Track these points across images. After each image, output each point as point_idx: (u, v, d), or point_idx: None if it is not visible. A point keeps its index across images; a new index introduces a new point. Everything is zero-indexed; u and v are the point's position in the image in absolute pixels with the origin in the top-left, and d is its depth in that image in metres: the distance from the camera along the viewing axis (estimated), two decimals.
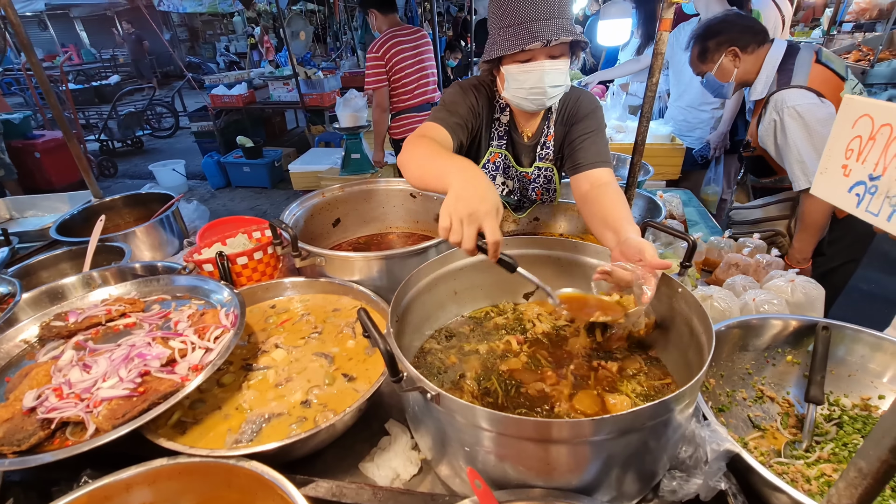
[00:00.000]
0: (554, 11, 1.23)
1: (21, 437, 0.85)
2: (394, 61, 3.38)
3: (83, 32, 18.38)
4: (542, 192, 1.67)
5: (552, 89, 1.33)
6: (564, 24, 1.25)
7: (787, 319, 1.19)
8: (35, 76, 2.03)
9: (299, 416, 0.99)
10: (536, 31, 1.23)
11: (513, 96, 1.38)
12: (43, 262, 1.75)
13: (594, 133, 1.46)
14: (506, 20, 1.27)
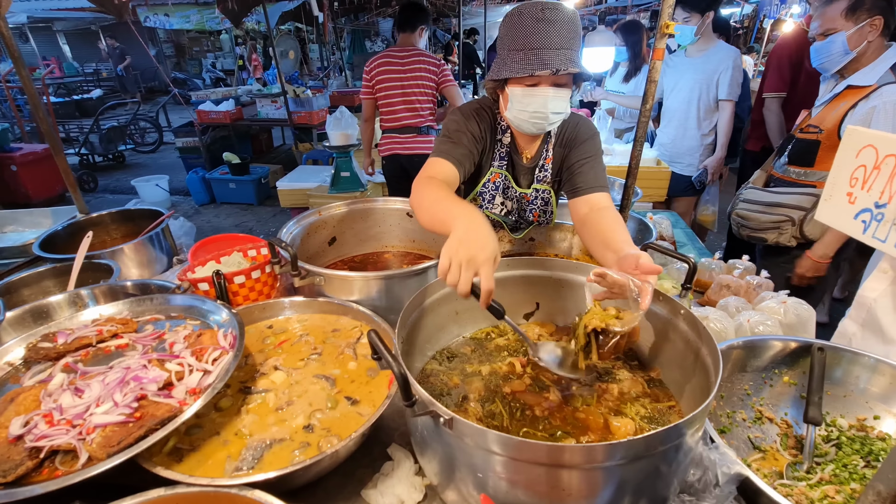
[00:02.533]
0: (564, 42, 1.28)
1: (7, 467, 0.80)
2: (378, 80, 3.42)
3: (66, 46, 18.16)
4: (540, 214, 1.70)
5: (554, 115, 1.37)
6: (572, 56, 1.30)
7: (787, 341, 1.22)
8: (25, 89, 1.99)
9: (302, 442, 0.96)
10: (546, 58, 1.27)
11: (514, 118, 1.41)
12: (25, 279, 1.69)
13: (593, 158, 1.50)
14: (517, 44, 1.31)
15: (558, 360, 1.17)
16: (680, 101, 3.39)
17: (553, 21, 1.27)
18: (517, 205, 1.69)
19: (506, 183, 1.62)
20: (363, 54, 14.40)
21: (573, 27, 1.30)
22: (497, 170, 1.60)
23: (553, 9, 1.27)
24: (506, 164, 1.59)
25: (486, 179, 1.61)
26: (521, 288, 1.40)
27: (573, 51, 1.31)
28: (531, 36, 1.28)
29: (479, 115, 1.53)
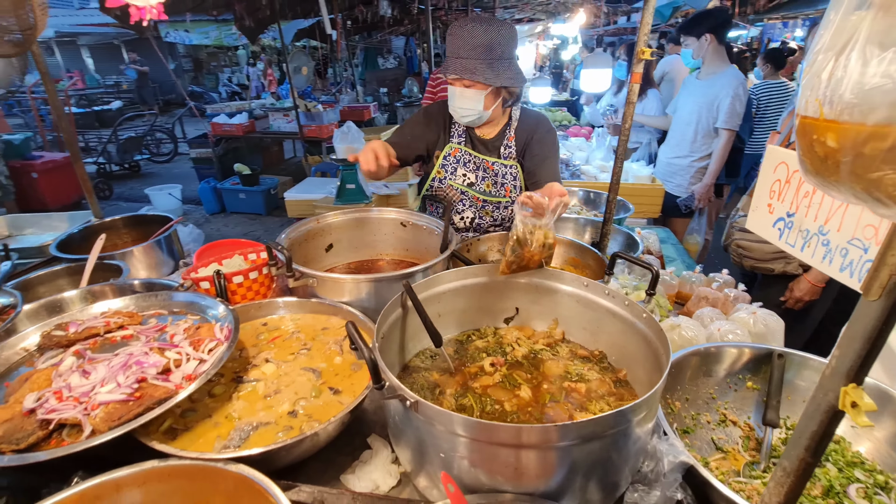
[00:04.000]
0: (470, 53, 1.67)
1: (20, 436, 0.89)
2: (441, 86, 3.61)
3: (89, 59, 18.83)
4: (511, 189, 1.98)
5: (461, 109, 1.79)
6: (475, 66, 1.67)
7: (742, 347, 1.29)
8: (49, 101, 2.13)
9: (286, 426, 1.05)
10: (451, 65, 1.71)
11: (454, 108, 1.83)
12: (41, 277, 1.81)
13: (551, 158, 1.88)
14: (448, 51, 1.75)
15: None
16: (680, 121, 3.48)
17: (461, 36, 1.67)
18: (482, 172, 1.98)
19: (466, 156, 1.96)
20: (375, 71, 14.78)
21: (472, 40, 1.66)
22: (456, 145, 1.96)
23: (466, 26, 1.67)
24: (464, 140, 1.97)
25: (447, 153, 1.97)
26: (502, 294, 1.48)
27: (478, 60, 1.67)
28: (451, 46, 1.72)
29: (440, 106, 1.97)
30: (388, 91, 12.17)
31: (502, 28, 1.70)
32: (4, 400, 1.01)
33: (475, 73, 1.67)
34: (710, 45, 3.13)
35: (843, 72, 0.46)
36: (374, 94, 12.04)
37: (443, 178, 1.99)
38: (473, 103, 1.76)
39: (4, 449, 0.87)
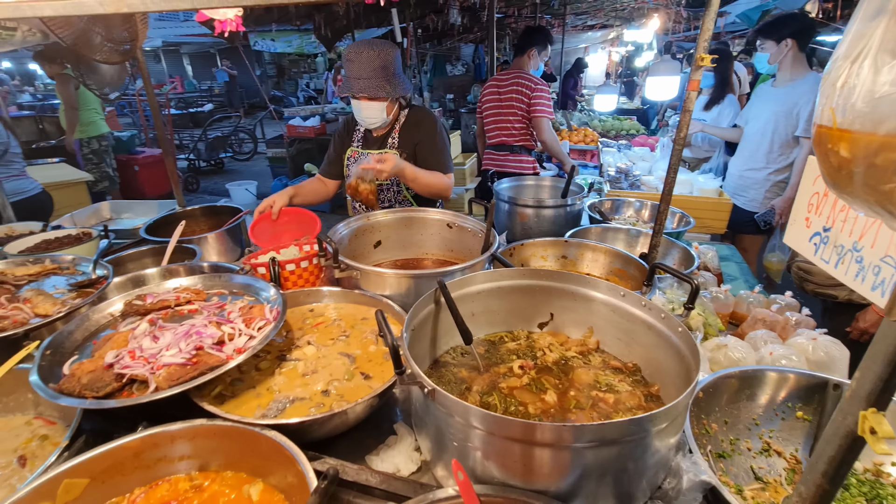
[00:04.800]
0: (371, 74, 2.08)
1: (100, 385, 1.05)
2: (483, 99, 3.75)
3: (189, 66, 20.88)
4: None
5: (369, 119, 2.21)
6: (378, 84, 2.09)
7: (790, 373, 1.20)
8: (149, 103, 2.43)
9: (319, 402, 1.13)
10: (358, 85, 2.09)
11: (358, 118, 2.25)
12: (131, 255, 2.07)
13: (432, 144, 2.32)
14: (346, 74, 2.15)
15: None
16: (754, 132, 3.26)
17: (360, 61, 2.07)
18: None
19: (360, 157, 2.35)
20: (443, 77, 15.08)
21: (371, 63, 2.07)
22: (355, 148, 2.42)
23: (363, 53, 2.06)
24: (361, 144, 2.42)
25: (348, 156, 2.43)
26: (537, 298, 1.49)
27: (370, 80, 2.08)
28: (348, 70, 2.12)
29: (336, 133, 2.52)
30: (454, 97, 12.36)
31: (390, 49, 2.12)
32: (91, 354, 1.18)
33: (380, 90, 2.10)
34: (791, 52, 2.91)
35: (856, 80, 0.45)
36: (441, 99, 12.28)
37: (347, 175, 2.44)
38: (379, 112, 2.19)
39: (87, 394, 1.03)
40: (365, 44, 2.10)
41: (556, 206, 2.50)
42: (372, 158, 2.06)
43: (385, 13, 8.07)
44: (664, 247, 2.25)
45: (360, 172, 2.13)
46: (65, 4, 0.71)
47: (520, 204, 2.54)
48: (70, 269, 1.67)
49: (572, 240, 2.05)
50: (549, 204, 2.52)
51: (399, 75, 2.18)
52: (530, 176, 3.45)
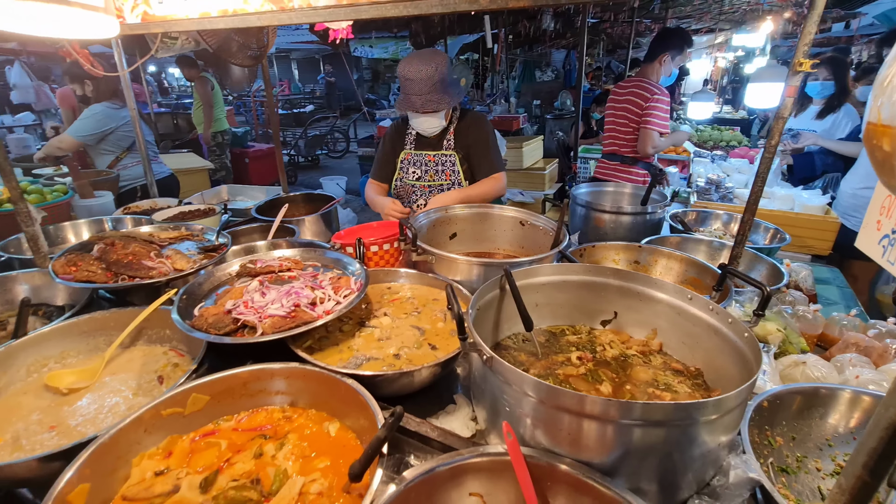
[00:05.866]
0: (431, 89, 2.20)
1: (221, 325, 1.29)
2: (606, 108, 3.70)
3: (296, 70, 22.89)
4: (451, 174, 2.48)
5: (429, 128, 2.36)
6: (437, 98, 2.22)
7: (865, 395, 1.13)
8: (267, 104, 2.79)
9: (390, 363, 1.29)
10: (418, 102, 2.22)
11: (414, 126, 2.42)
12: (244, 230, 2.41)
13: (484, 146, 2.45)
14: (402, 91, 2.29)
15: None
16: None
17: (416, 78, 2.17)
18: (426, 168, 2.49)
19: (414, 158, 2.50)
20: (531, 83, 15.03)
21: (430, 80, 2.17)
22: (408, 151, 2.52)
23: (420, 70, 2.16)
24: (414, 145, 2.51)
25: (402, 158, 2.53)
26: (601, 296, 1.52)
27: (436, 94, 2.21)
28: (405, 88, 2.25)
29: (395, 129, 2.58)
30: (542, 103, 12.28)
31: (442, 61, 2.20)
32: (215, 301, 1.45)
33: (440, 103, 2.22)
34: None
35: None
36: (527, 105, 12.26)
37: (401, 178, 2.56)
38: (437, 121, 2.33)
39: (211, 331, 1.27)
40: (421, 61, 2.18)
41: (635, 214, 2.47)
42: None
43: (478, 20, 8.28)
44: (750, 261, 2.14)
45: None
46: (234, 20, 0.93)
47: (596, 209, 2.54)
48: (199, 236, 2.01)
49: (646, 245, 2.03)
50: (627, 210, 2.50)
51: (452, 84, 2.28)
52: (611, 182, 3.39)
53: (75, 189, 2.92)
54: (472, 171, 2.50)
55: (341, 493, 0.97)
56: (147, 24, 1.08)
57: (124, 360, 1.45)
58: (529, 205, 5.43)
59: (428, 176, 2.50)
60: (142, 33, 1.13)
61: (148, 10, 1.07)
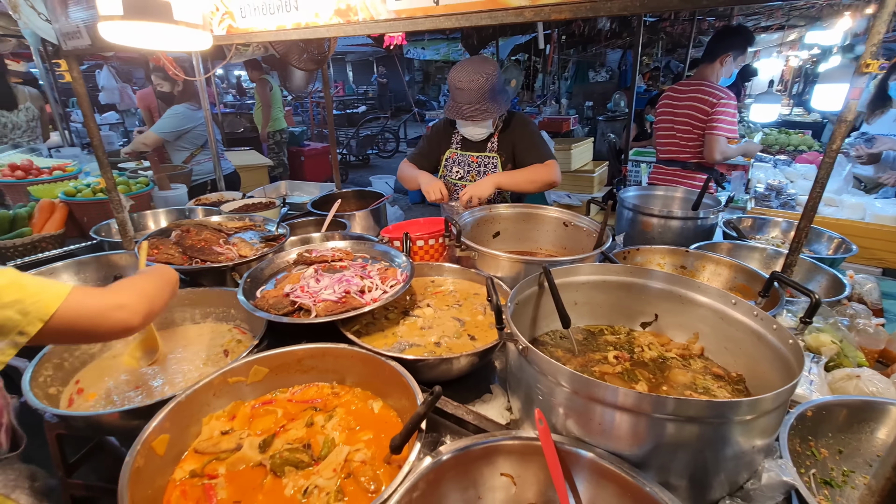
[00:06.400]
0: (480, 98, 2.24)
1: (280, 307, 1.42)
2: (658, 111, 3.53)
3: (350, 72, 23.66)
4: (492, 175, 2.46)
5: (477, 134, 2.43)
6: (486, 107, 2.26)
7: None
8: (326, 105, 2.97)
9: (430, 350, 1.36)
10: (468, 110, 2.28)
11: (462, 131, 2.49)
12: (300, 223, 2.59)
13: (530, 141, 2.46)
14: (452, 99, 2.35)
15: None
16: None
17: (467, 87, 2.22)
18: (468, 168, 2.55)
19: (458, 157, 2.57)
20: (584, 84, 14.70)
21: (480, 89, 2.22)
22: (453, 150, 2.60)
23: (470, 78, 2.21)
24: (459, 146, 2.58)
25: (447, 157, 2.61)
26: (641, 297, 1.52)
27: (485, 102, 2.26)
28: (456, 96, 2.31)
29: (443, 125, 2.64)
30: (594, 105, 12.00)
31: (493, 70, 2.24)
32: (275, 285, 1.59)
33: (489, 112, 2.27)
34: None
35: None
36: (579, 107, 12.03)
37: (444, 175, 2.62)
38: (485, 128, 2.40)
39: (272, 312, 1.40)
40: (472, 70, 2.21)
41: (685, 218, 2.41)
42: (471, 197, 2.27)
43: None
44: (809, 271, 2.04)
45: (458, 209, 2.27)
46: (305, 31, 1.04)
47: (644, 212, 2.49)
48: (261, 226, 2.18)
49: (694, 250, 1.99)
50: (676, 215, 2.44)
51: (501, 91, 2.32)
52: (661, 186, 3.30)
53: (155, 181, 3.23)
54: (519, 165, 2.49)
55: (382, 463, 1.05)
56: (231, 35, 1.23)
57: (195, 334, 1.62)
58: (576, 208, 5.36)
59: (470, 176, 2.55)
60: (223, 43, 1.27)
61: (233, 23, 1.21)
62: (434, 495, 0.95)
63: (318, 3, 1.03)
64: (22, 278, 0.91)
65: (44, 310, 0.89)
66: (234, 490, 1.01)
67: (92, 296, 0.99)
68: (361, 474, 1.01)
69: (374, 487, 0.99)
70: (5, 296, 0.86)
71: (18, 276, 0.91)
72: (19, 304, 0.87)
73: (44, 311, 0.89)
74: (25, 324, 0.88)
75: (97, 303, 0.98)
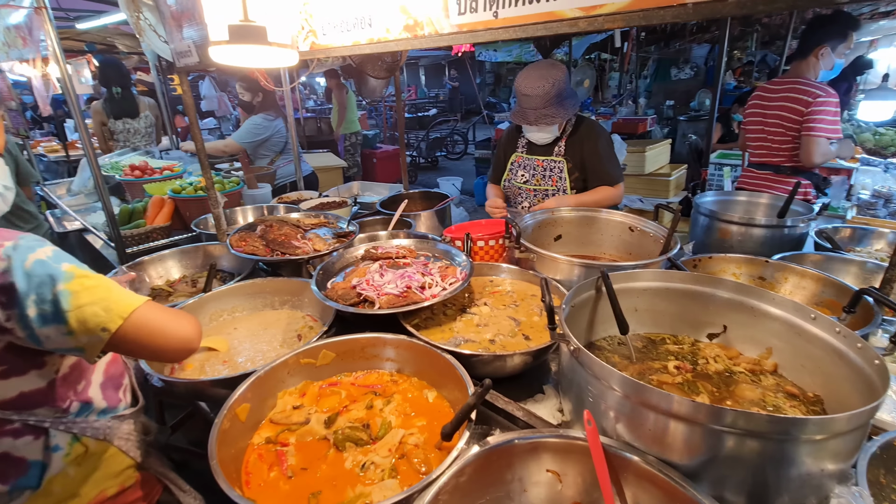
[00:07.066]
0: (546, 104, 2.26)
1: (347, 298, 1.54)
2: (747, 112, 3.32)
3: (423, 76, 24.27)
4: (557, 180, 2.50)
5: (542, 138, 2.44)
6: (552, 112, 2.28)
7: None
8: (396, 109, 3.12)
9: (485, 347, 1.41)
10: (533, 115, 2.30)
11: (527, 136, 2.53)
12: (369, 221, 2.74)
13: (598, 155, 2.44)
14: (518, 104, 2.38)
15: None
16: None
17: (532, 93, 2.24)
18: (533, 171, 2.55)
19: (524, 161, 2.58)
20: (665, 82, 13.88)
21: (546, 95, 2.24)
22: (519, 153, 2.62)
23: (533, 83, 2.23)
24: (525, 149, 2.60)
25: (513, 160, 2.63)
26: (708, 307, 1.45)
27: (551, 108, 2.28)
28: (521, 101, 2.33)
29: (508, 133, 2.71)
30: (675, 104, 11.31)
31: (560, 75, 2.24)
32: (343, 278, 1.72)
33: (555, 118, 2.27)
34: None
35: None
36: (658, 106, 11.40)
37: (509, 179, 2.64)
38: (550, 133, 2.41)
39: (340, 302, 1.52)
40: (538, 76, 2.23)
41: (769, 227, 2.24)
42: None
43: None
44: None
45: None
46: (377, 46, 1.15)
47: (722, 219, 2.34)
48: (333, 223, 2.36)
49: (775, 261, 1.85)
50: (759, 223, 2.27)
51: (569, 96, 2.30)
52: (745, 191, 3.06)
53: (245, 181, 3.58)
54: (587, 180, 2.49)
55: (433, 448, 1.12)
56: (314, 51, 1.38)
57: (273, 318, 1.80)
58: (648, 213, 5.11)
59: (535, 180, 2.56)
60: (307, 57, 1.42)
61: (315, 40, 1.35)
62: (480, 482, 1.00)
63: (388, 20, 1.13)
64: (109, 282, 1.02)
65: (125, 308, 1.00)
66: (302, 458, 1.13)
67: (163, 309, 1.10)
68: (414, 456, 1.08)
69: (425, 469, 1.05)
70: (94, 293, 0.98)
71: (106, 279, 1.03)
72: (104, 302, 0.98)
73: (124, 309, 1.00)
74: (108, 320, 0.97)
75: (167, 316, 1.09)
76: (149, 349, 1.08)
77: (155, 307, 1.07)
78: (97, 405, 1.13)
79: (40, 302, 0.91)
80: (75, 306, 0.94)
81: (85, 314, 0.95)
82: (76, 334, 0.96)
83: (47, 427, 1.03)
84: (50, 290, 0.92)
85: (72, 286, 0.95)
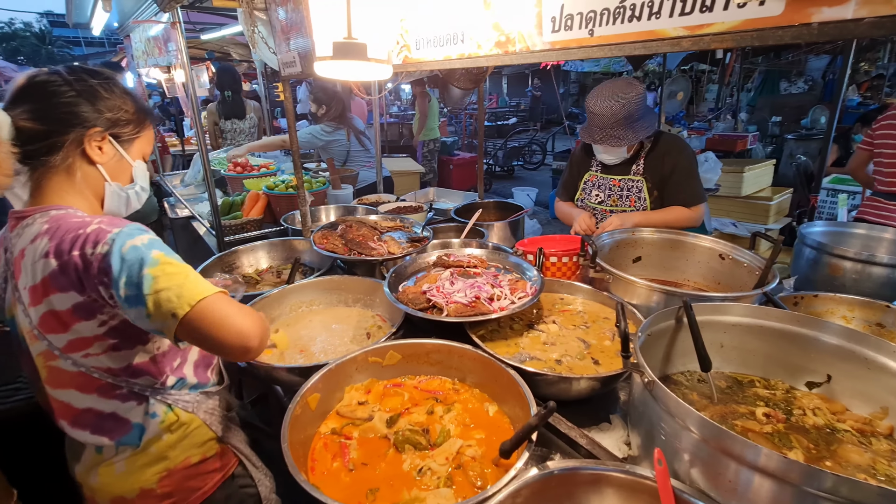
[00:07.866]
0: (615, 125, 2.17)
1: (417, 302, 1.58)
2: (877, 133, 3.06)
3: (505, 85, 24.30)
4: (636, 200, 2.37)
5: (609, 159, 2.34)
6: (620, 134, 2.17)
7: None
8: (478, 117, 3.15)
9: (551, 367, 1.37)
10: (599, 135, 2.22)
11: (595, 154, 2.41)
12: (442, 228, 2.79)
13: (680, 173, 2.29)
14: (588, 122, 2.29)
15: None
16: None
17: (602, 113, 2.16)
18: (609, 192, 2.44)
19: (599, 181, 2.47)
20: (773, 96, 12.62)
21: (614, 116, 2.14)
22: (593, 172, 2.50)
23: (604, 103, 2.15)
24: (599, 168, 2.48)
25: (587, 179, 2.53)
26: (808, 352, 1.30)
27: (620, 129, 2.16)
28: (591, 119, 2.25)
29: (583, 149, 2.56)
30: (783, 120, 10.25)
31: (634, 96, 2.12)
32: (414, 282, 1.77)
33: (621, 140, 2.17)
34: None
35: None
36: (762, 122, 10.41)
37: (582, 199, 2.54)
38: (618, 153, 2.30)
39: (410, 305, 1.57)
40: (609, 95, 2.13)
41: (893, 266, 1.95)
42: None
43: None
44: None
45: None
46: (467, 61, 1.18)
47: (833, 253, 2.08)
48: (408, 228, 2.43)
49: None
50: (882, 261, 1.98)
51: (642, 118, 2.17)
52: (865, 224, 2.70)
53: (330, 181, 3.81)
54: (665, 200, 2.32)
55: (490, 463, 1.11)
56: (406, 64, 1.44)
57: (345, 315, 1.89)
58: (741, 239, 4.67)
59: (611, 200, 2.43)
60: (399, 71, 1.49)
61: (408, 54, 1.42)
62: None
63: (480, 36, 1.15)
64: (189, 270, 1.03)
65: (194, 296, 1.00)
66: (363, 453, 1.17)
67: (231, 303, 1.08)
68: (470, 468, 1.08)
69: (481, 484, 1.05)
70: (172, 279, 1.00)
71: (187, 268, 1.04)
72: (179, 289, 0.99)
73: (193, 297, 1.00)
74: (178, 306, 0.98)
75: (233, 310, 1.06)
76: (210, 340, 1.05)
77: (224, 300, 1.06)
78: (189, 381, 1.26)
79: (129, 284, 0.98)
80: (154, 290, 0.98)
81: (160, 298, 0.98)
82: (153, 318, 0.99)
83: (147, 395, 1.17)
84: (137, 273, 0.99)
85: (155, 271, 0.99)
